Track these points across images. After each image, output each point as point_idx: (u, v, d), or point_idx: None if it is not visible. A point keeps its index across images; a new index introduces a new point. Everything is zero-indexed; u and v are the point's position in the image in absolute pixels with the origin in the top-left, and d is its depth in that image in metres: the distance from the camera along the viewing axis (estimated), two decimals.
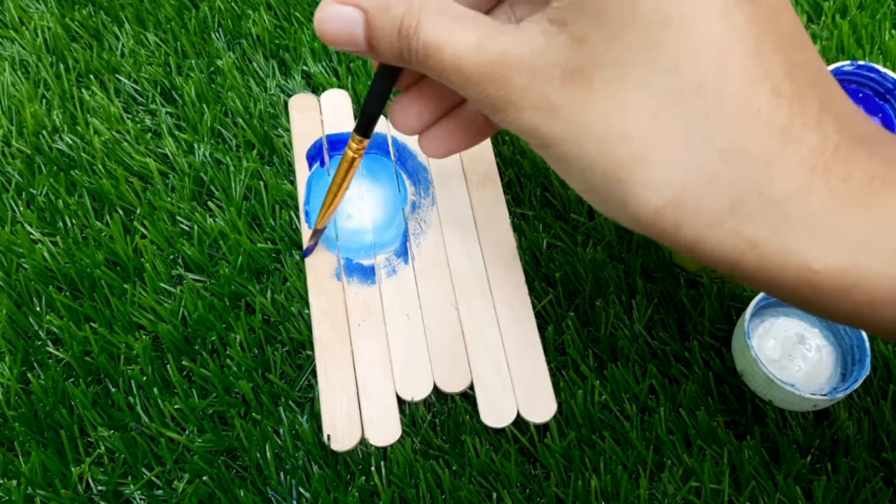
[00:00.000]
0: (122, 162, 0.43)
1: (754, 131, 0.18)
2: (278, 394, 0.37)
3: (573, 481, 0.34)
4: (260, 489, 0.35)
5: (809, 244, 0.18)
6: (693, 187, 0.19)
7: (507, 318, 0.38)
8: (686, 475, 0.35)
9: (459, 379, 0.37)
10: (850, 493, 0.34)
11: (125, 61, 0.47)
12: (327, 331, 0.38)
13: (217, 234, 0.41)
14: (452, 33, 0.22)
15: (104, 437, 0.36)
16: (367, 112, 0.30)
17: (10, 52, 0.48)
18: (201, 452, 0.36)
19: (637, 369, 0.37)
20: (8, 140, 0.45)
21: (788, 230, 0.18)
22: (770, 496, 0.34)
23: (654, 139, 0.19)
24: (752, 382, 0.36)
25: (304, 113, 0.45)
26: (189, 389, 0.37)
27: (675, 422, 0.36)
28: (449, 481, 0.34)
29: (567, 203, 0.42)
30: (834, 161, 0.18)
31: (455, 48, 0.22)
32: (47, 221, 0.42)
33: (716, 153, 0.19)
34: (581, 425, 0.36)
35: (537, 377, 0.37)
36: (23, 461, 0.36)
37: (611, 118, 0.20)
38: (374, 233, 0.41)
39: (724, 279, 0.39)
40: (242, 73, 0.47)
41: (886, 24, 0.47)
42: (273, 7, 0.50)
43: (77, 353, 0.38)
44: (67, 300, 0.39)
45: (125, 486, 0.35)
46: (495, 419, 0.36)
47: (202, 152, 0.44)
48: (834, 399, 0.34)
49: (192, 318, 0.39)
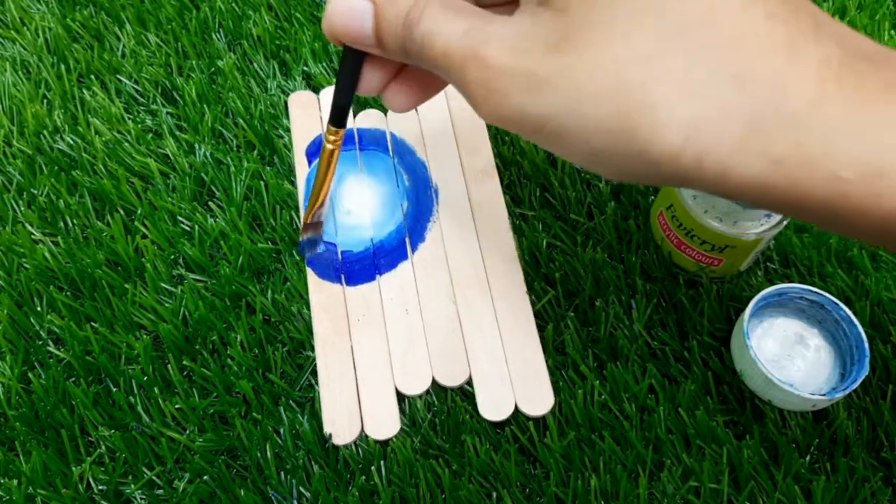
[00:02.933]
0: (123, 162, 0.44)
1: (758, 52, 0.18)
2: (279, 393, 0.37)
3: (573, 481, 0.34)
4: (260, 488, 0.35)
5: (836, 153, 0.18)
6: (708, 117, 0.18)
7: (505, 312, 0.39)
8: (685, 475, 0.35)
9: (458, 373, 0.37)
10: (849, 493, 0.34)
11: (126, 62, 0.47)
12: (327, 326, 0.38)
13: (218, 234, 0.41)
14: (447, 22, 0.23)
15: (105, 436, 0.36)
16: (338, 104, 0.31)
17: (12, 52, 0.48)
18: (202, 452, 0.36)
19: (636, 369, 0.37)
20: (9, 140, 0.45)
21: (812, 142, 0.18)
22: (769, 496, 0.34)
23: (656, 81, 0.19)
24: (752, 382, 0.36)
25: (303, 110, 0.45)
26: (190, 389, 0.37)
27: (674, 421, 0.36)
28: (449, 481, 0.34)
29: (567, 203, 0.42)
30: (843, 72, 0.18)
31: (447, 36, 0.22)
32: (48, 221, 0.42)
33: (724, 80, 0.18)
34: (581, 425, 0.36)
35: (535, 371, 0.37)
36: (23, 461, 0.36)
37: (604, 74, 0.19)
38: (373, 228, 0.41)
39: (723, 280, 0.39)
40: (243, 74, 0.47)
41: (885, 24, 0.47)
42: (274, 8, 0.50)
43: (78, 352, 0.38)
44: (68, 300, 0.39)
45: (126, 485, 0.35)
46: (494, 412, 0.36)
47: (203, 152, 0.44)
48: (833, 399, 0.34)
49: (192, 317, 0.39)
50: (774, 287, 0.36)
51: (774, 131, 0.18)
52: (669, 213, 0.38)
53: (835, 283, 0.39)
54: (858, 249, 0.40)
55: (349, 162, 0.44)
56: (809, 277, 0.39)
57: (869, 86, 0.18)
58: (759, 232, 0.36)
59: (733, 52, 0.18)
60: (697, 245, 0.38)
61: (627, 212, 0.41)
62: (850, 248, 0.40)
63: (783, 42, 0.18)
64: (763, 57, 0.18)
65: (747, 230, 0.36)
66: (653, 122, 0.19)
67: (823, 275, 0.39)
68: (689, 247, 0.38)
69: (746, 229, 0.36)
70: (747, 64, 0.18)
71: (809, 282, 0.39)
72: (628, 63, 0.19)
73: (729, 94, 0.18)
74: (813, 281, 0.39)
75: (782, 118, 0.18)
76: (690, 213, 0.36)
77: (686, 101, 0.19)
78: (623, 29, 0.19)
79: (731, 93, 0.18)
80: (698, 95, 0.18)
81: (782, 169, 0.18)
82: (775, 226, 0.36)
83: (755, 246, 0.37)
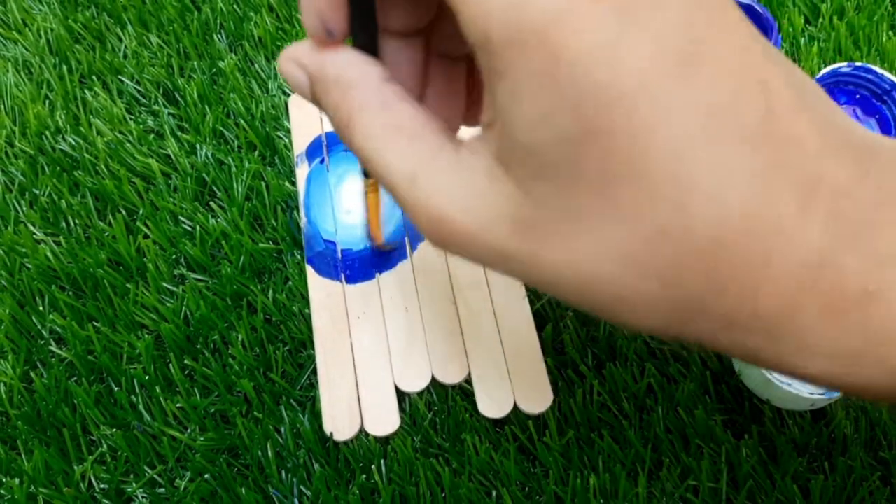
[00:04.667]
0: (125, 162, 0.44)
1: (729, 260, 0.17)
2: (280, 393, 0.37)
3: (572, 479, 0.35)
4: (261, 487, 0.35)
5: (804, 358, 0.18)
6: (687, 311, 0.18)
7: (504, 310, 0.39)
8: (684, 474, 0.35)
9: (457, 371, 0.37)
10: (847, 492, 0.34)
11: (128, 63, 0.48)
12: (327, 323, 0.38)
13: (219, 234, 0.41)
14: (386, 152, 0.20)
15: (106, 435, 0.36)
16: None
17: (14, 53, 0.48)
18: (203, 451, 0.36)
19: (635, 368, 0.37)
20: (11, 140, 0.45)
21: (783, 345, 0.18)
22: (768, 495, 0.34)
23: (630, 281, 0.18)
24: (750, 381, 0.36)
25: (303, 110, 0.45)
26: (191, 388, 0.37)
27: (673, 421, 0.36)
28: (449, 479, 0.35)
29: None
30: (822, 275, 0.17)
31: (390, 174, 0.20)
32: (50, 221, 0.42)
33: (702, 288, 0.18)
34: (580, 424, 0.36)
35: (533, 369, 0.37)
36: (25, 459, 0.36)
37: (575, 269, 0.18)
38: None
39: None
40: (244, 75, 0.47)
41: (884, 25, 0.47)
42: (275, 9, 0.50)
43: (80, 352, 0.38)
44: (70, 300, 0.39)
45: (127, 484, 0.35)
46: (493, 410, 0.36)
47: (204, 153, 0.44)
48: (831, 398, 0.34)
49: (194, 317, 0.39)
50: None
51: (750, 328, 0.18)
52: None
53: None
54: None
55: (349, 161, 0.44)
56: None
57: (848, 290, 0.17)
58: None
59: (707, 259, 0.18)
60: None
61: None
62: None
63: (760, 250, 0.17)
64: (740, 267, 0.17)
65: None
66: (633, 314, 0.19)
67: None
68: None
69: None
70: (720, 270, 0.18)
71: None
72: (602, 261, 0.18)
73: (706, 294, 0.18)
74: None
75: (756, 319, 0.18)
76: None
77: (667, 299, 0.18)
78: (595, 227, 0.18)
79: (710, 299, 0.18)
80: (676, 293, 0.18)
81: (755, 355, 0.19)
82: None
83: None
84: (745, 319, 0.18)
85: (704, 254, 0.18)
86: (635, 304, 0.19)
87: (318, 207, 0.42)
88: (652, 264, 0.18)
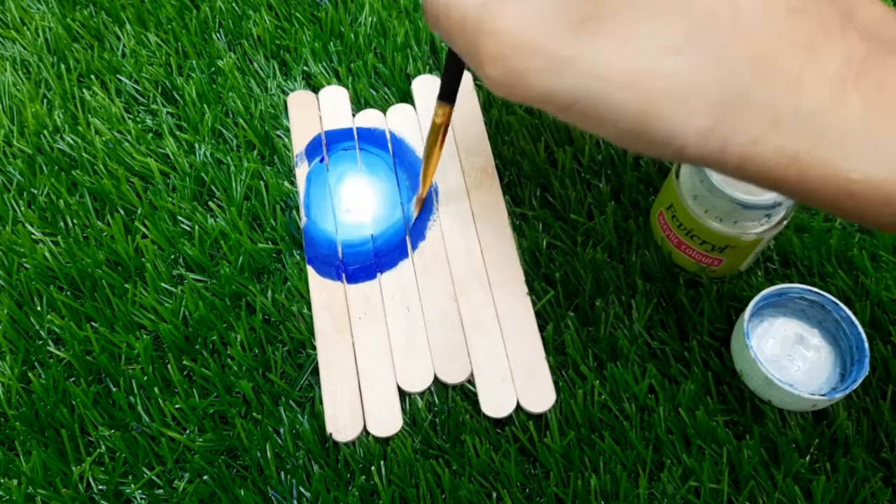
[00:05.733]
0: (123, 162, 0.44)
1: (778, 50, 0.19)
2: (279, 393, 0.37)
3: (573, 481, 0.34)
4: (260, 488, 0.35)
5: (847, 156, 0.18)
6: (733, 108, 0.19)
7: (506, 310, 0.39)
8: (685, 475, 0.35)
9: (459, 370, 0.37)
10: (849, 493, 0.34)
11: (126, 61, 0.48)
12: (328, 323, 0.38)
13: (218, 233, 0.41)
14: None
15: (105, 436, 0.36)
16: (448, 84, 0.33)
17: (12, 52, 0.48)
18: (202, 452, 0.36)
19: (636, 369, 0.37)
20: (9, 140, 0.45)
21: (826, 143, 0.19)
22: (769, 496, 0.34)
23: (682, 73, 0.19)
24: (752, 382, 0.36)
25: (302, 109, 0.45)
26: (190, 389, 0.37)
27: (674, 421, 0.36)
28: (449, 481, 0.34)
29: (567, 203, 0.42)
30: (865, 70, 0.18)
31: (463, 5, 0.22)
32: (48, 221, 0.42)
33: (748, 76, 0.19)
34: (581, 425, 0.36)
35: (536, 368, 0.37)
36: (23, 460, 0.36)
37: (634, 62, 0.19)
38: (374, 226, 0.41)
39: (723, 280, 0.39)
40: (243, 74, 0.47)
41: None
42: (274, 8, 0.50)
43: (78, 352, 0.38)
44: (68, 300, 0.39)
45: (126, 485, 0.35)
46: (496, 409, 0.36)
47: (203, 152, 0.44)
48: (833, 399, 0.34)
49: (192, 317, 0.39)
50: (774, 287, 0.36)
51: (791, 128, 0.19)
52: (669, 213, 0.38)
53: (835, 283, 0.39)
54: (858, 249, 0.40)
55: (349, 161, 0.44)
56: (809, 277, 0.39)
57: (888, 86, 0.18)
58: (759, 232, 0.36)
59: (755, 49, 0.19)
60: (697, 245, 0.38)
61: (627, 212, 0.41)
62: (850, 247, 0.40)
63: (804, 40, 0.19)
64: (783, 56, 0.19)
65: (747, 230, 0.36)
66: (682, 110, 0.19)
67: (823, 275, 0.39)
68: (690, 247, 0.38)
69: (746, 229, 0.36)
70: (768, 61, 0.19)
71: (809, 282, 0.39)
72: (656, 53, 0.19)
73: (752, 87, 0.19)
74: (813, 281, 0.39)
75: (800, 116, 0.19)
76: (690, 214, 0.36)
77: (714, 92, 0.19)
78: (651, 17, 0.19)
79: (754, 86, 0.19)
80: (724, 88, 0.19)
81: (796, 164, 0.19)
82: (775, 226, 0.36)
83: (755, 246, 0.37)
84: (788, 116, 0.19)
85: (749, 41, 0.19)
86: (687, 96, 0.19)
87: (318, 207, 0.42)
88: (703, 52, 0.19)
